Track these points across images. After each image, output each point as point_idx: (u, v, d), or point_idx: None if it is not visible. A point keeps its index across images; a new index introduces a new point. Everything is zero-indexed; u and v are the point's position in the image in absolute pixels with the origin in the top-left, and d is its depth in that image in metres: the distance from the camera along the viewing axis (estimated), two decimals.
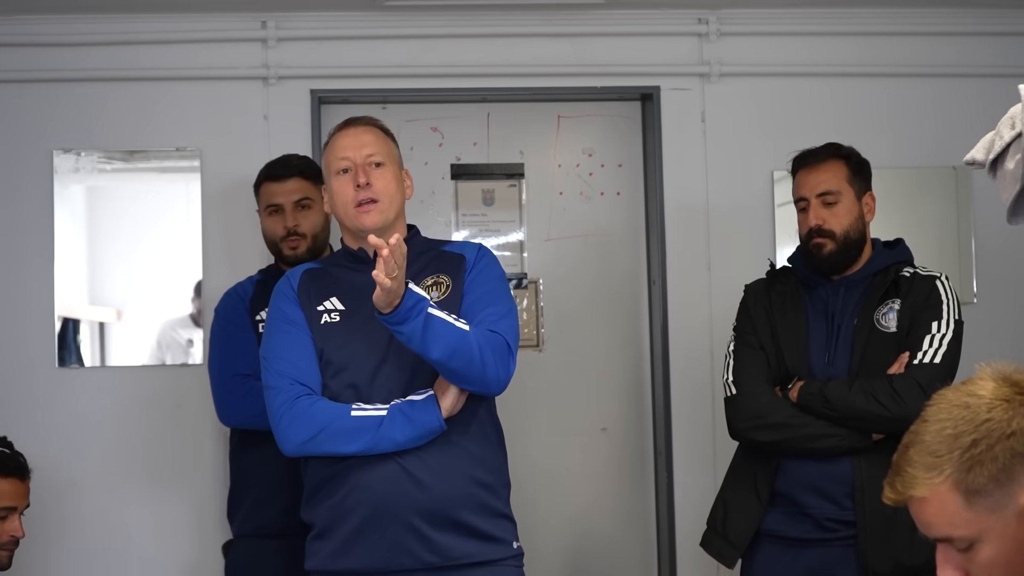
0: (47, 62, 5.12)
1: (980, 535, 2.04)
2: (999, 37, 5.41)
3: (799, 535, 3.98)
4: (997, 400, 2.05)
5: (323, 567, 3.59)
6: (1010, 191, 2.74)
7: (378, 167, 3.61)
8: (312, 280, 3.68)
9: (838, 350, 4.01)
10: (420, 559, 3.49)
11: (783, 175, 4.92)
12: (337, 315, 3.60)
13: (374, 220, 3.56)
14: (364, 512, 3.48)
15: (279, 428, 3.54)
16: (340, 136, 3.68)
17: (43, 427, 4.96)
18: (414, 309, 3.32)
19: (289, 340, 3.60)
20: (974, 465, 2.02)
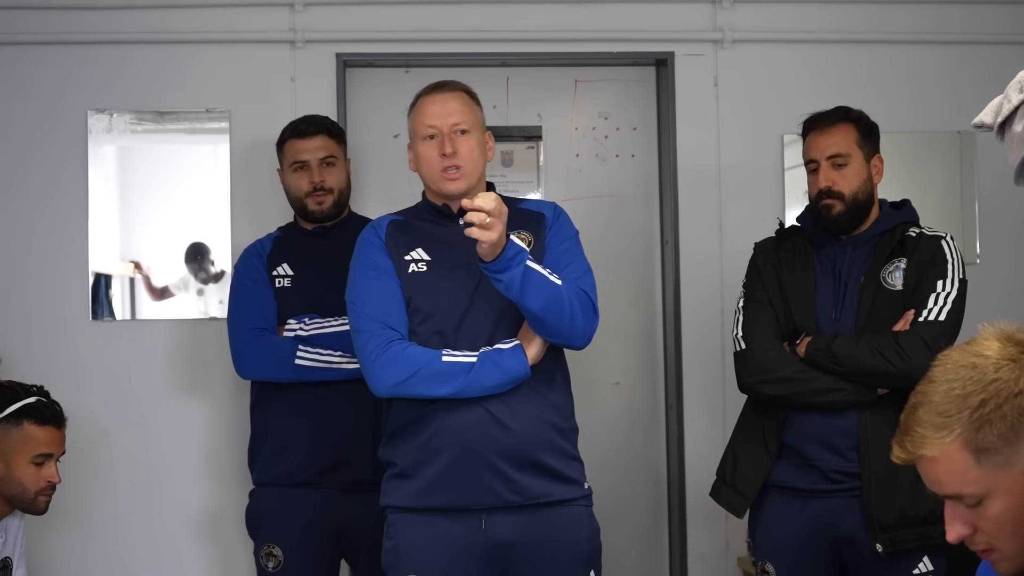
0: (82, 24, 5.17)
1: (989, 491, 2.08)
2: (1007, 5, 5.44)
3: (806, 486, 4.01)
4: (1004, 360, 2.08)
5: (406, 504, 3.70)
6: (1018, 153, 2.68)
7: (463, 135, 3.72)
8: (398, 230, 3.80)
9: (845, 307, 4.03)
10: (502, 498, 3.63)
11: (793, 139, 5.00)
12: (424, 265, 3.72)
13: (458, 186, 3.70)
14: (451, 453, 3.62)
15: (372, 369, 3.66)
16: (428, 101, 3.79)
17: (77, 378, 5.05)
18: (515, 259, 3.48)
19: (378, 286, 3.72)
20: (983, 424, 2.06)
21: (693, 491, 5.21)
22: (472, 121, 3.76)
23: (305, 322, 4.40)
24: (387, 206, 5.08)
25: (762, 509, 4.14)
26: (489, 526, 3.65)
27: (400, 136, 5.28)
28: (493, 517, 3.65)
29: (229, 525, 5.06)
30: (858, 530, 3.95)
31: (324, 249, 4.53)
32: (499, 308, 3.64)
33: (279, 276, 4.51)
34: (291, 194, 4.61)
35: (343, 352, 4.34)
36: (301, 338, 4.37)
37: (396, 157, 5.28)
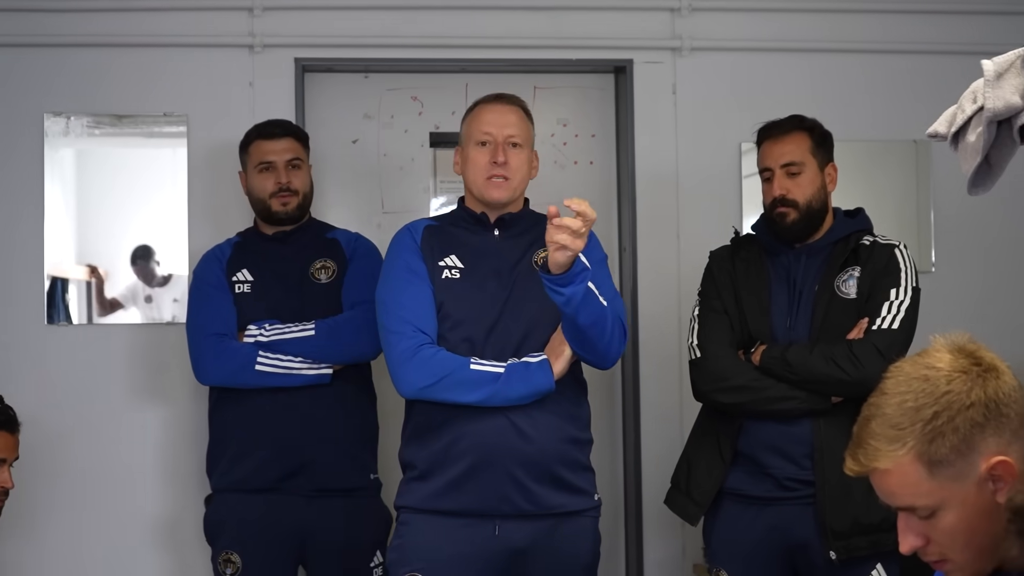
0: (39, 27, 5.14)
1: (942, 503, 2.11)
2: (959, 15, 5.47)
3: (760, 494, 4.04)
4: (955, 372, 2.12)
5: (421, 505, 3.77)
6: (971, 163, 2.75)
7: (515, 147, 3.86)
8: (433, 236, 3.89)
9: (799, 315, 4.06)
10: (516, 506, 3.71)
11: (750, 147, 4.99)
12: (457, 272, 3.81)
13: (501, 195, 3.83)
14: (470, 459, 3.70)
15: (401, 371, 3.74)
16: (486, 110, 3.94)
17: (32, 382, 5.02)
18: (581, 275, 3.52)
19: (412, 289, 3.80)
20: (936, 436, 2.08)
21: (649, 498, 5.20)
22: (525, 136, 3.91)
23: (265, 328, 4.39)
24: (345, 211, 5.13)
25: (717, 517, 4.16)
26: (502, 532, 3.73)
27: (359, 141, 5.29)
28: (507, 524, 3.73)
29: (187, 531, 5.03)
30: (812, 537, 3.97)
31: (284, 254, 4.53)
32: (528, 320, 3.74)
33: (239, 282, 4.51)
34: (255, 195, 4.59)
35: (303, 358, 4.34)
36: (261, 344, 4.37)
37: (355, 162, 5.30)
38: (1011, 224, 5.45)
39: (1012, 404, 2.13)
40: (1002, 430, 2.11)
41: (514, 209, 3.94)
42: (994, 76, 2.70)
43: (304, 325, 4.37)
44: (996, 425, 2.11)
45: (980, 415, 2.10)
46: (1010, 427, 2.12)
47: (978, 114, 2.75)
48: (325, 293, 4.49)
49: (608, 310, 3.67)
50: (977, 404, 2.10)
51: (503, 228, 3.89)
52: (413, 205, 5.33)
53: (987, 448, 2.10)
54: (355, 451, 4.47)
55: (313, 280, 4.51)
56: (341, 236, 4.65)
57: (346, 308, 4.45)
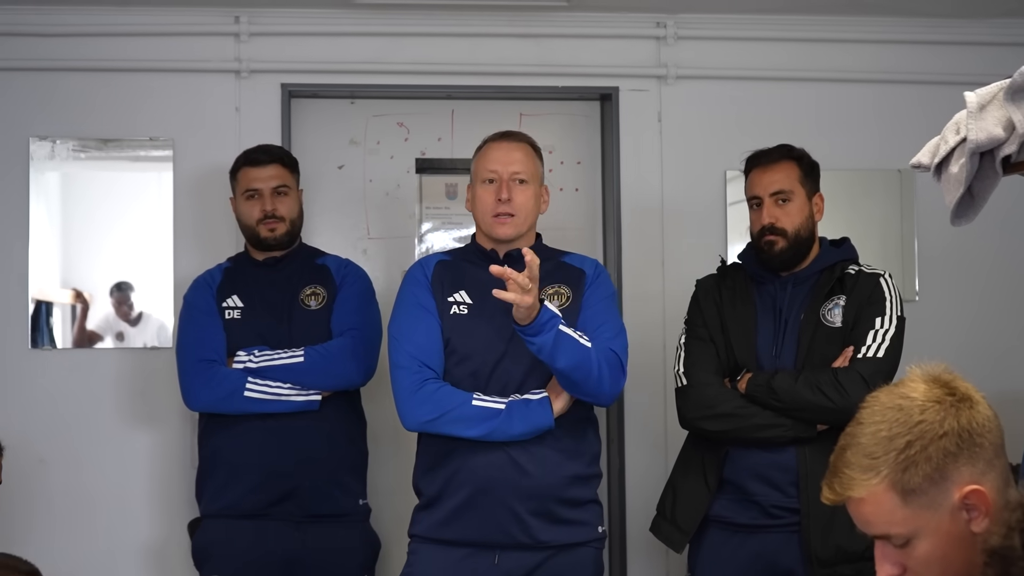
0: (25, 51, 5.14)
1: (916, 532, 2.13)
2: (943, 46, 5.50)
3: (745, 521, 4.05)
4: (929, 402, 2.14)
5: (427, 533, 3.85)
6: (954, 194, 2.77)
7: (521, 184, 3.92)
8: (444, 271, 3.95)
9: (785, 344, 4.07)
10: (513, 538, 3.77)
11: (735, 175, 5.01)
12: (465, 308, 3.87)
13: (507, 232, 3.89)
14: (469, 490, 3.76)
15: (406, 405, 3.81)
16: (493, 147, 3.98)
17: (15, 406, 5.01)
18: (547, 324, 3.61)
19: (421, 325, 3.87)
20: (909, 466, 2.11)
21: (634, 525, 5.20)
22: (531, 173, 3.96)
23: (255, 354, 4.38)
24: (331, 237, 5.12)
25: (702, 544, 4.17)
26: (502, 561, 3.78)
27: (345, 167, 5.29)
28: (506, 554, 3.78)
29: (174, 557, 5.02)
30: (796, 565, 3.98)
31: (274, 281, 4.53)
32: (532, 357, 3.74)
33: (229, 308, 4.50)
34: (243, 222, 4.59)
35: (292, 384, 4.34)
36: (251, 370, 4.36)
37: (341, 188, 5.30)
38: (994, 254, 5.47)
39: (986, 434, 2.15)
40: (976, 459, 2.13)
41: (523, 244, 3.92)
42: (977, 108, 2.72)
43: (293, 351, 4.37)
44: (970, 454, 2.12)
45: (953, 444, 2.11)
46: (984, 457, 2.13)
47: (961, 145, 2.77)
48: (315, 319, 4.48)
49: (592, 351, 3.73)
50: (950, 433, 2.12)
51: (512, 264, 3.86)
52: (399, 231, 5.34)
53: (960, 477, 2.12)
54: (344, 477, 4.46)
55: (303, 306, 4.51)
56: (331, 262, 4.65)
57: (335, 335, 4.45)
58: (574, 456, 3.87)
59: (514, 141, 4.00)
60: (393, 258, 5.29)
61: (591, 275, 4.00)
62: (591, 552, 3.92)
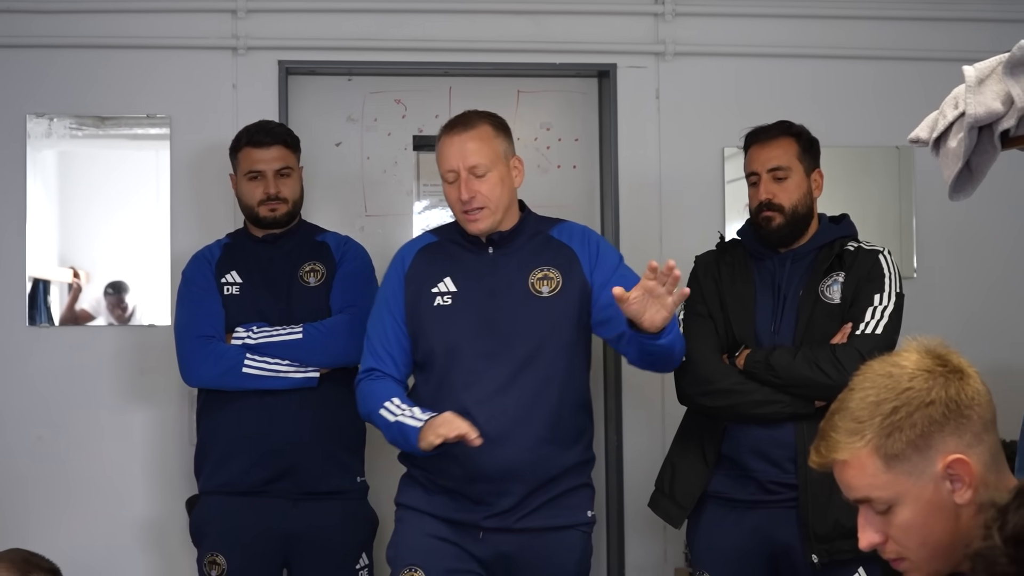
0: (22, 28, 5.13)
1: (898, 498, 2.15)
2: (942, 22, 5.50)
3: (743, 497, 4.06)
4: (919, 371, 2.15)
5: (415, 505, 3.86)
6: (952, 169, 2.79)
7: (481, 177, 3.79)
8: (428, 256, 3.90)
9: (784, 320, 4.07)
10: (500, 520, 3.77)
11: (733, 152, 5.03)
12: (449, 298, 3.80)
13: (481, 227, 3.80)
14: (459, 472, 3.73)
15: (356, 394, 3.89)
16: (446, 143, 3.84)
17: (13, 384, 5.02)
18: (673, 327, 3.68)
19: (379, 323, 3.90)
20: (893, 431, 2.12)
21: (631, 502, 5.22)
22: (492, 158, 3.81)
23: (253, 330, 4.39)
24: (328, 214, 5.12)
25: (700, 520, 4.18)
26: (487, 537, 3.77)
27: (342, 144, 5.29)
28: (490, 534, 3.77)
29: (172, 533, 5.03)
30: (794, 541, 3.99)
31: (273, 257, 4.53)
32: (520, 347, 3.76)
33: (227, 284, 4.50)
34: (243, 202, 4.58)
35: (291, 361, 4.34)
36: (249, 347, 4.36)
37: (338, 165, 5.30)
38: (992, 229, 5.47)
39: (975, 407, 2.16)
40: (962, 431, 2.14)
41: (507, 226, 3.89)
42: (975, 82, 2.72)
43: (292, 328, 4.37)
44: (956, 425, 2.13)
45: (939, 413, 2.13)
46: (971, 429, 2.14)
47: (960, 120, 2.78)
48: (314, 296, 4.49)
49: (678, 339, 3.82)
50: (937, 402, 2.13)
51: (497, 247, 3.87)
52: (396, 208, 5.35)
53: (945, 447, 2.13)
54: (342, 454, 4.47)
55: (302, 283, 4.51)
56: (331, 239, 4.65)
57: (334, 312, 4.45)
58: (566, 441, 3.85)
59: (467, 130, 3.85)
60: (390, 235, 5.27)
61: (584, 253, 3.92)
62: (581, 535, 3.91)
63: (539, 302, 3.82)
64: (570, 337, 3.87)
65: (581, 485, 3.90)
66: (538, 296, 3.78)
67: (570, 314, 3.85)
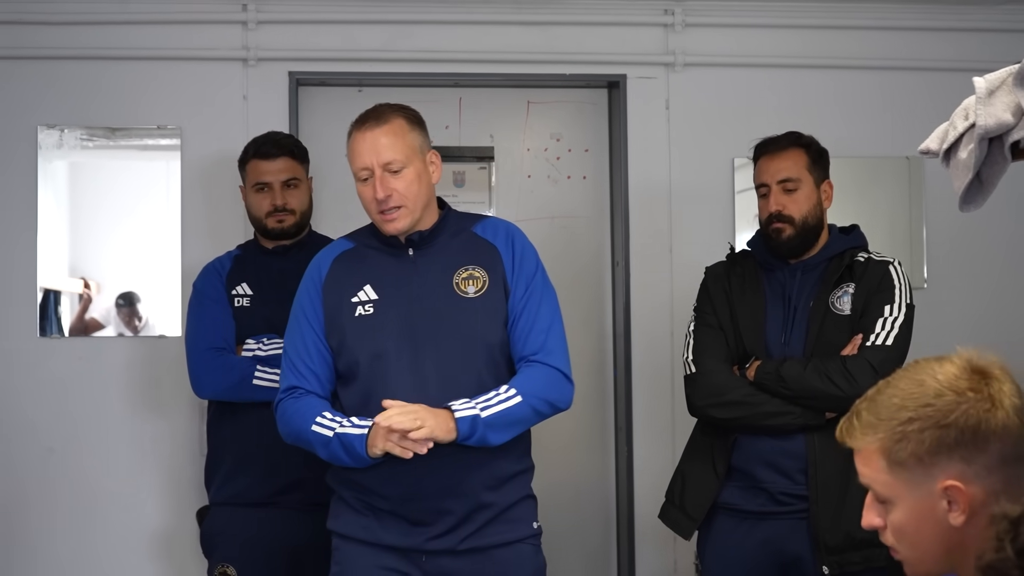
0: (34, 39, 5.15)
1: (894, 499, 2.18)
2: (952, 32, 5.51)
3: (754, 508, 4.03)
4: (948, 389, 2.14)
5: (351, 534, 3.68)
6: (962, 180, 2.77)
7: (396, 173, 3.54)
8: (344, 267, 3.68)
9: (794, 331, 4.05)
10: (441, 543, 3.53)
11: (743, 162, 5.03)
12: (371, 307, 3.59)
13: (399, 227, 3.57)
14: (396, 493, 3.53)
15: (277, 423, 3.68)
16: (358, 139, 3.59)
17: (24, 394, 5.03)
18: (473, 435, 3.40)
19: (298, 338, 3.67)
20: (903, 439, 2.13)
21: (642, 513, 5.22)
22: (407, 154, 3.58)
23: (264, 342, 4.39)
24: (341, 224, 5.07)
25: (710, 531, 4.16)
26: (431, 560, 3.56)
27: None
28: (435, 557, 3.56)
29: (182, 543, 5.04)
30: (805, 552, 3.97)
31: (283, 269, 4.52)
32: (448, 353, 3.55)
33: (238, 295, 4.49)
34: (252, 213, 4.58)
35: None
36: (259, 358, 4.37)
37: (349, 176, 5.21)
38: (1003, 240, 5.47)
39: (995, 440, 2.14)
40: (972, 459, 2.13)
41: (426, 225, 3.66)
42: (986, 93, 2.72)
43: None
44: (968, 453, 2.13)
45: (951, 438, 2.12)
46: (984, 461, 2.13)
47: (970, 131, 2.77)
48: None
49: (526, 403, 3.48)
50: (952, 427, 2.12)
51: (417, 248, 3.65)
52: None
53: (949, 470, 2.13)
54: None
55: None
56: None
57: None
58: (504, 452, 3.57)
59: (379, 124, 3.59)
60: None
61: (507, 252, 3.66)
62: (529, 548, 3.66)
63: (465, 303, 3.58)
64: (501, 338, 3.60)
65: (524, 497, 3.66)
66: (464, 297, 3.57)
67: (497, 315, 3.60)
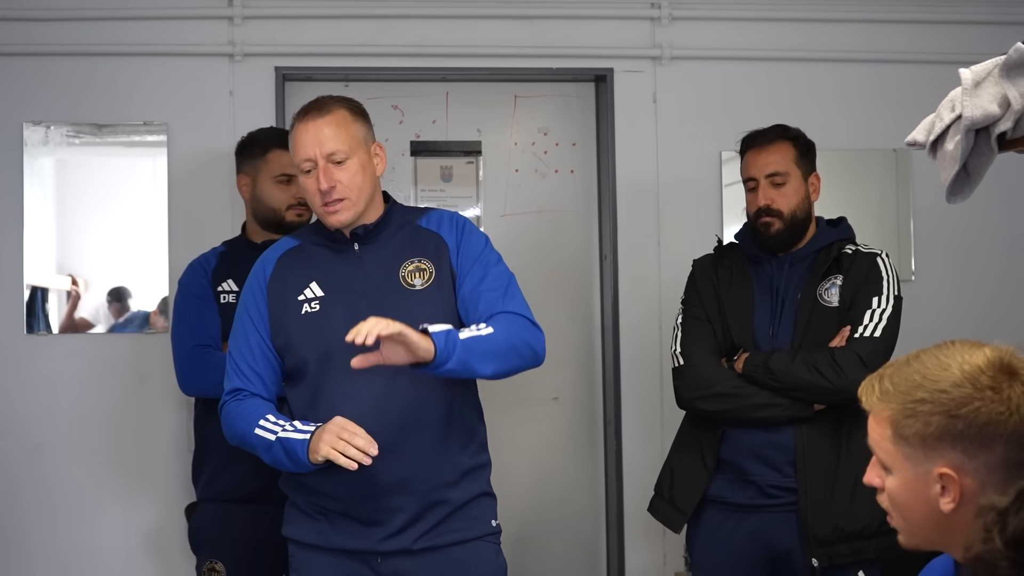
0: (17, 36, 5.13)
1: (893, 468, 2.20)
2: (938, 25, 5.52)
3: (743, 501, 4.04)
4: (967, 381, 2.13)
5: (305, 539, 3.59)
6: (949, 171, 2.76)
7: (340, 164, 3.48)
8: (291, 262, 3.62)
9: (782, 323, 4.06)
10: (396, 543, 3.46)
11: (731, 156, 5.03)
12: (317, 304, 3.52)
13: (342, 219, 3.50)
14: (347, 493, 3.45)
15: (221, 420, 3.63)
16: (301, 130, 3.52)
17: (11, 391, 5.02)
18: (447, 345, 3.24)
19: (242, 339, 3.60)
20: (911, 416, 2.14)
21: (631, 506, 5.22)
22: (350, 144, 3.50)
23: None
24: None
25: (699, 524, 4.16)
26: (386, 562, 3.50)
27: None
28: (391, 558, 3.49)
29: (171, 541, 5.04)
30: (794, 544, 3.98)
31: None
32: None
33: (224, 292, 4.47)
34: (266, 204, 4.49)
35: None
36: None
37: None
38: (989, 232, 5.49)
39: (1002, 444, 2.12)
40: (976, 455, 2.13)
41: (371, 219, 3.58)
42: (972, 85, 2.72)
43: None
44: (972, 447, 2.12)
45: (958, 429, 2.12)
46: (986, 459, 2.13)
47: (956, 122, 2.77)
48: None
49: (499, 335, 3.39)
50: (961, 419, 2.12)
51: (363, 242, 3.59)
52: None
53: (950, 458, 2.13)
54: None
55: None
56: None
57: None
58: (460, 449, 3.54)
59: (322, 115, 3.50)
60: None
61: (452, 242, 3.60)
62: (488, 547, 3.60)
63: (413, 296, 3.50)
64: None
65: (481, 494, 3.59)
66: (411, 289, 3.50)
67: (447, 305, 3.53)
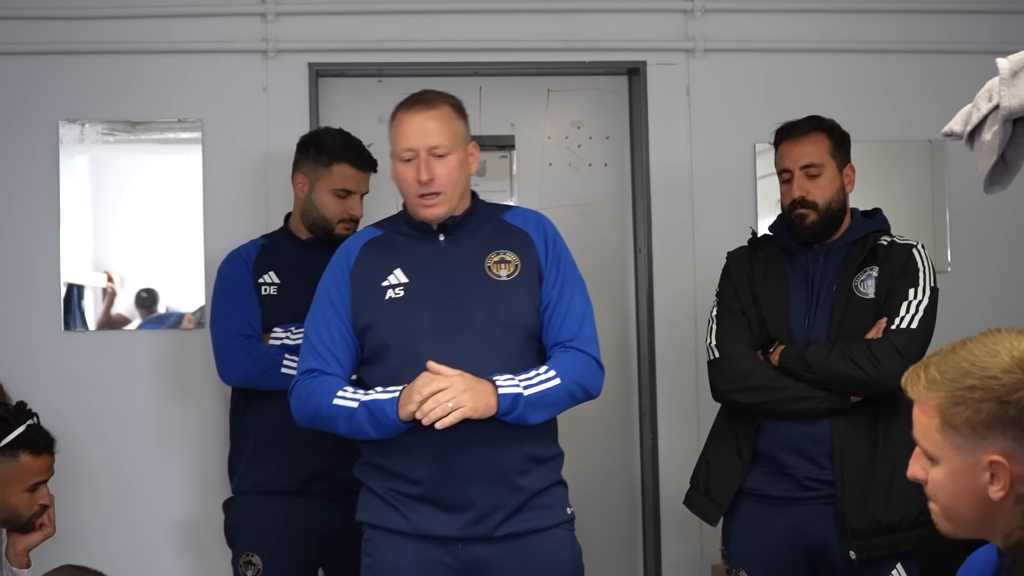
0: (54, 35, 5.16)
1: (940, 458, 2.20)
2: (974, 15, 5.50)
3: (779, 494, 4.03)
4: (1019, 367, 2.14)
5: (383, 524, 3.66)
6: (987, 161, 2.72)
7: (441, 158, 3.55)
8: (375, 250, 3.68)
9: (818, 315, 4.04)
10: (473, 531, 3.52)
11: (765, 148, 5.02)
12: (401, 290, 3.57)
13: (436, 213, 3.57)
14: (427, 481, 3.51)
15: (290, 402, 3.65)
16: (406, 119, 3.59)
17: (49, 389, 5.00)
18: (512, 412, 3.40)
19: (321, 322, 3.66)
20: (960, 404, 2.15)
21: (667, 499, 5.22)
22: (452, 140, 3.58)
23: (291, 331, 4.40)
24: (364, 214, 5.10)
25: (736, 517, 4.15)
26: (466, 548, 3.54)
27: (373, 145, 5.29)
28: (470, 544, 3.54)
29: (208, 534, 5.06)
30: (831, 537, 3.96)
31: (312, 259, 4.51)
32: (483, 332, 3.53)
33: (265, 284, 4.50)
34: (319, 212, 4.53)
35: None
36: (288, 347, 4.37)
37: None
38: None
39: None
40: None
41: (458, 212, 3.66)
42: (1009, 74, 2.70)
43: None
44: (1020, 432, 2.13)
45: (1009, 416, 2.12)
46: None
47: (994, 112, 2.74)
48: None
49: (564, 386, 3.50)
50: (1012, 405, 2.12)
51: (449, 233, 3.65)
52: None
53: (1000, 444, 2.14)
54: None
55: None
56: None
57: None
58: (532, 438, 3.56)
59: (428, 108, 3.59)
60: None
61: (538, 237, 3.67)
62: (564, 534, 3.65)
63: (500, 286, 3.58)
64: (534, 320, 3.60)
65: (554, 483, 3.65)
66: (497, 280, 3.57)
67: (532, 298, 3.61)
